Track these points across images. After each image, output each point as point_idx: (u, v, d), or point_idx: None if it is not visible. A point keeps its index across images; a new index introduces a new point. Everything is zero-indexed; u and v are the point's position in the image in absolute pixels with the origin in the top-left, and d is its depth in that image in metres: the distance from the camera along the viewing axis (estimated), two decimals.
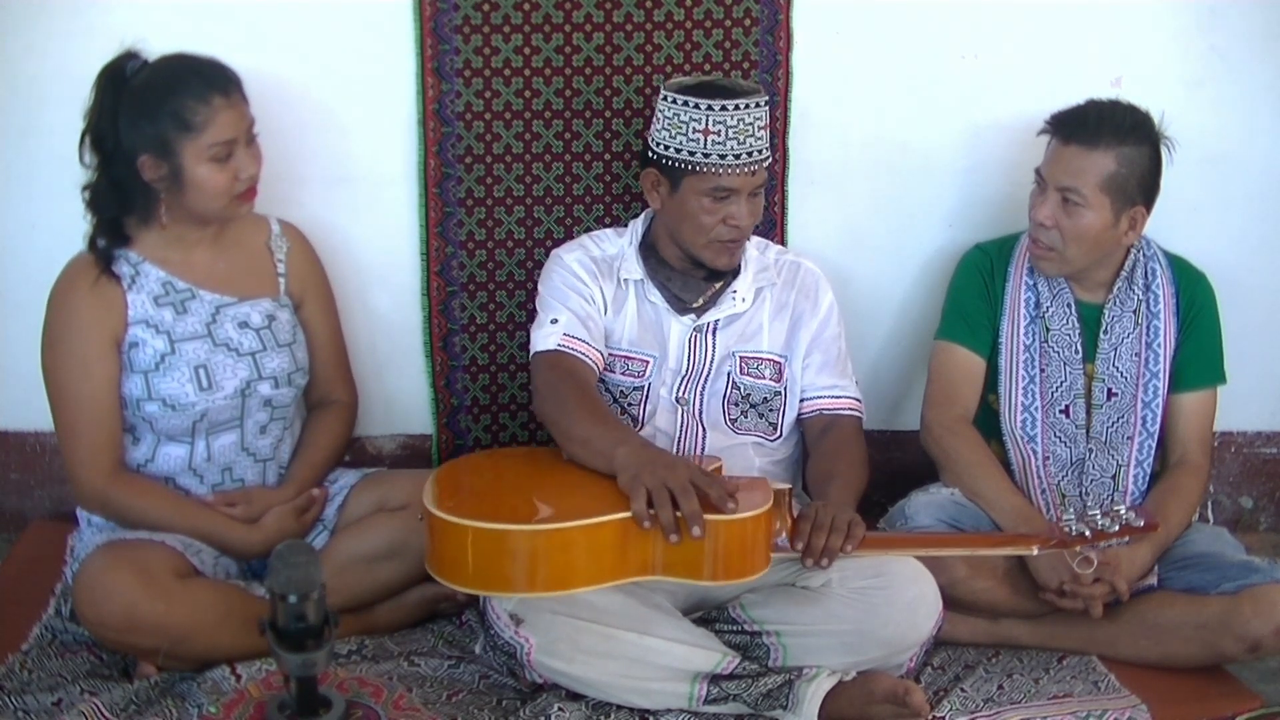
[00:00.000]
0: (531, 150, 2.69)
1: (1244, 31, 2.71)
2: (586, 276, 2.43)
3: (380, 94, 2.65)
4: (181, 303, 2.31)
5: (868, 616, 2.19)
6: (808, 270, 2.52)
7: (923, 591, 2.24)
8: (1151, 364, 2.51)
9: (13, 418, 2.77)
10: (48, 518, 2.76)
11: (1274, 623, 2.25)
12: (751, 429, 2.45)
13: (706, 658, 2.18)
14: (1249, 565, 2.37)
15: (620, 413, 2.44)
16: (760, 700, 2.17)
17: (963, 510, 2.44)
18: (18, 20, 2.53)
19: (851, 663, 2.20)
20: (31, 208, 2.63)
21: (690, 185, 2.33)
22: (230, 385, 2.32)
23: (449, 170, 2.68)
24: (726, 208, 2.34)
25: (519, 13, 2.61)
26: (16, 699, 2.12)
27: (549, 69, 2.65)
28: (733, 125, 2.29)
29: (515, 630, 2.17)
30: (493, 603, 2.21)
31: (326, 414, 2.52)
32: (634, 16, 2.64)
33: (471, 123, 2.66)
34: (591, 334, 2.39)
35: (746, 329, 2.46)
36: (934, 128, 2.74)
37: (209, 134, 2.20)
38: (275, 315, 2.40)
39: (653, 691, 2.18)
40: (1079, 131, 2.40)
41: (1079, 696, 2.26)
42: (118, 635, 2.13)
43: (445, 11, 2.60)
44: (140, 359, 2.28)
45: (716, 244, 2.37)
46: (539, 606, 2.15)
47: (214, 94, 2.21)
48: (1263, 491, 3.04)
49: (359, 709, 2.02)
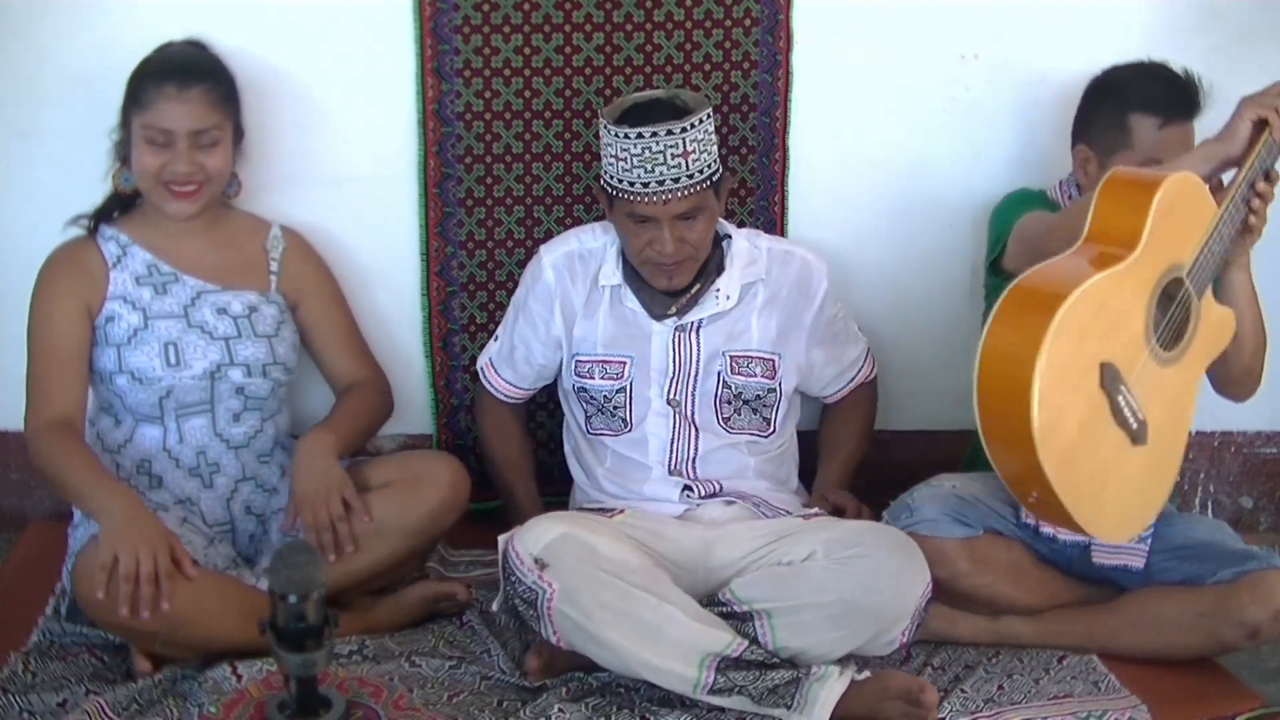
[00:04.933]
0: (531, 150, 2.69)
1: (1244, 31, 2.71)
2: (548, 298, 2.45)
3: (380, 94, 2.65)
4: (163, 285, 2.36)
5: (852, 586, 2.19)
6: (801, 260, 2.49)
7: (907, 559, 2.24)
8: None
9: (13, 418, 2.75)
10: (48, 518, 2.75)
11: (1272, 608, 2.26)
12: (745, 427, 2.46)
13: (718, 638, 2.15)
14: (1247, 553, 2.38)
15: (610, 417, 2.45)
16: (766, 695, 2.13)
17: (965, 504, 2.44)
18: (18, 20, 2.53)
19: (841, 638, 2.19)
20: (31, 208, 2.63)
21: (617, 209, 2.34)
22: (199, 365, 2.33)
23: (449, 170, 2.68)
24: (650, 232, 2.31)
25: (519, 12, 2.61)
26: (21, 699, 2.12)
27: (549, 69, 2.65)
28: (637, 154, 2.26)
29: (539, 575, 2.16)
30: (516, 548, 2.20)
31: (353, 389, 2.54)
32: (634, 16, 2.64)
33: (471, 123, 2.66)
34: (514, 363, 2.54)
35: (734, 328, 2.44)
36: (932, 127, 2.74)
37: (148, 115, 2.28)
38: (258, 307, 2.42)
39: (660, 669, 2.14)
40: (1170, 107, 2.39)
41: (1079, 697, 2.26)
42: (118, 616, 2.09)
43: (445, 11, 2.59)
44: (114, 333, 2.33)
45: (650, 265, 2.36)
46: (564, 553, 2.17)
47: (169, 83, 2.28)
48: (1263, 491, 3.04)
49: (359, 709, 2.02)
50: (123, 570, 2.05)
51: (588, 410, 2.49)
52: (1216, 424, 2.96)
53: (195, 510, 2.37)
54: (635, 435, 2.45)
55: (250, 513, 2.42)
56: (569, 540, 2.20)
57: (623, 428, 2.45)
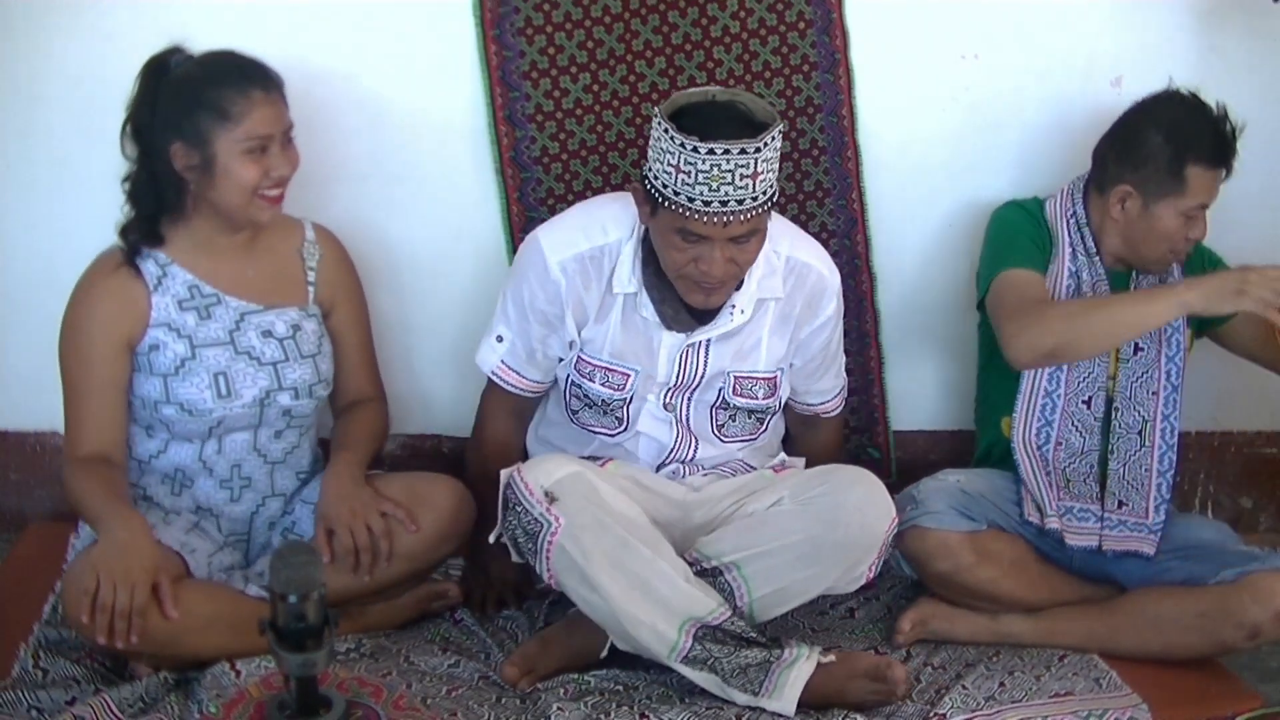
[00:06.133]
0: (605, 140, 2.66)
1: (1244, 31, 2.71)
2: (558, 300, 2.31)
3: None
4: (206, 308, 2.30)
5: (817, 522, 2.21)
6: (817, 276, 2.37)
7: (869, 490, 2.26)
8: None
9: (13, 418, 2.77)
10: (48, 518, 2.75)
11: (1273, 609, 2.26)
12: (738, 434, 2.44)
13: (703, 603, 2.17)
14: (1249, 554, 2.39)
15: (603, 415, 2.40)
16: (736, 674, 2.16)
17: (970, 499, 2.44)
18: (18, 20, 2.53)
19: (812, 576, 2.22)
20: (31, 208, 2.62)
21: (662, 218, 2.15)
22: (249, 394, 2.30)
23: (526, 174, 2.67)
24: (697, 249, 2.14)
25: (578, 8, 2.60)
26: (30, 695, 2.12)
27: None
28: (704, 170, 2.06)
29: (547, 508, 2.17)
30: (526, 479, 2.20)
31: (358, 408, 2.49)
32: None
33: (544, 123, 2.65)
34: (536, 363, 2.39)
35: (744, 345, 2.35)
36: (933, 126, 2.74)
37: (245, 126, 2.19)
38: (301, 325, 2.37)
39: (643, 623, 2.15)
40: (1226, 157, 2.42)
41: (1080, 695, 2.26)
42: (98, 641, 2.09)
43: (507, 15, 2.58)
44: (160, 362, 2.27)
45: (688, 281, 2.20)
46: (573, 491, 2.17)
47: (253, 88, 2.20)
48: (1263, 491, 3.04)
49: (359, 709, 2.02)
50: (100, 600, 2.04)
51: (576, 405, 2.43)
52: (1216, 424, 2.96)
53: (213, 520, 2.36)
54: (628, 433, 2.44)
55: (272, 528, 2.42)
56: (579, 480, 2.21)
57: (617, 426, 2.43)
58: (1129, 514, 2.47)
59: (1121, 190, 2.43)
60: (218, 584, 2.25)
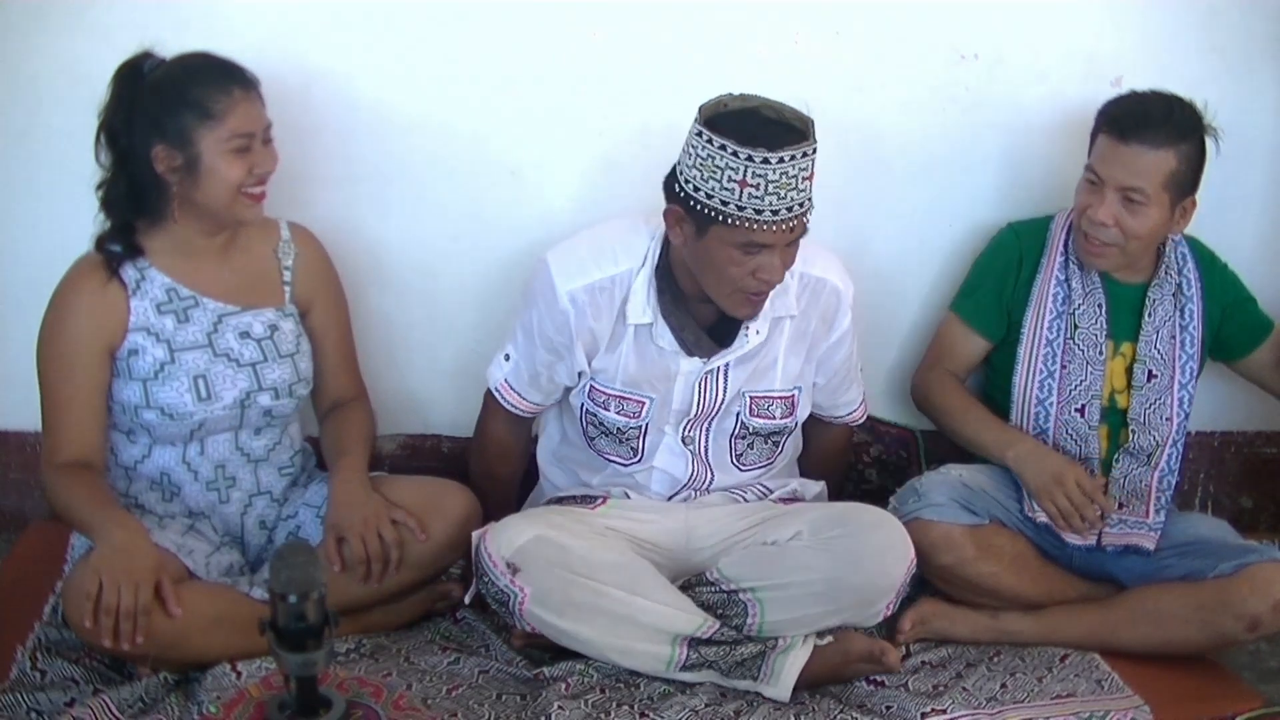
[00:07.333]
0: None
1: (1244, 31, 2.71)
2: (566, 330, 2.27)
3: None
4: (184, 310, 2.30)
5: (837, 564, 2.22)
6: (831, 289, 2.34)
7: (889, 536, 2.26)
8: (1188, 346, 2.52)
9: (13, 418, 2.77)
10: (48, 518, 2.74)
11: (1272, 599, 2.27)
12: (756, 461, 2.44)
13: (689, 620, 2.20)
14: (1248, 547, 2.40)
15: (619, 444, 2.39)
16: (734, 668, 2.20)
17: (972, 493, 2.45)
18: (18, 20, 2.53)
19: (828, 612, 2.23)
20: (31, 208, 2.62)
21: (718, 235, 2.09)
22: (229, 396, 2.30)
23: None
24: (757, 260, 2.11)
25: None
26: (29, 697, 2.12)
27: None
28: (774, 180, 2.03)
29: (511, 579, 2.19)
30: (489, 550, 2.22)
31: (346, 409, 2.48)
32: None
33: None
34: (539, 387, 2.38)
35: (760, 365, 2.33)
36: (933, 126, 2.74)
37: (229, 124, 2.19)
38: (278, 325, 2.38)
39: (635, 651, 2.20)
40: (1142, 130, 2.34)
41: (1082, 696, 2.26)
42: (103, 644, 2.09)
43: None
44: (139, 366, 2.27)
45: (740, 294, 2.17)
46: (536, 557, 2.18)
47: (234, 86, 2.21)
48: (1263, 491, 3.04)
49: (359, 709, 2.02)
50: (104, 603, 2.04)
51: (593, 432, 2.41)
52: (1216, 424, 2.96)
53: (206, 522, 2.36)
54: (642, 466, 2.42)
55: (263, 527, 2.42)
56: (541, 543, 2.21)
57: (631, 456, 2.40)
58: (1129, 514, 2.48)
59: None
60: (220, 585, 2.25)
